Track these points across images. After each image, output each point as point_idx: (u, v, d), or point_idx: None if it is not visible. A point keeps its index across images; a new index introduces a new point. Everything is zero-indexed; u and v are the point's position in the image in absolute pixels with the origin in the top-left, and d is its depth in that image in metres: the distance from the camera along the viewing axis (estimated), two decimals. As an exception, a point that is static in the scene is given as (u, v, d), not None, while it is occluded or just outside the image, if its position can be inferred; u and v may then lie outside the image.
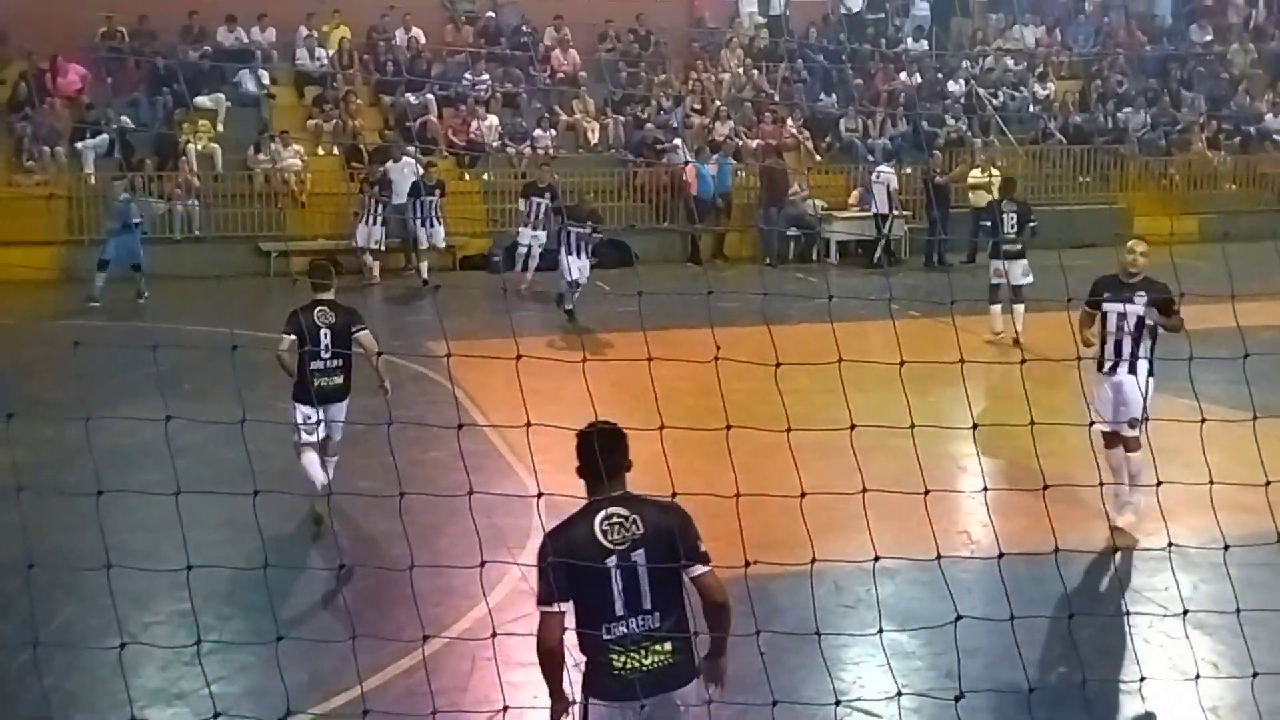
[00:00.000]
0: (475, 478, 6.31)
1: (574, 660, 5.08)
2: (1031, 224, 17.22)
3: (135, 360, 14.69)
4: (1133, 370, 9.74)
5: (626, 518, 4.93)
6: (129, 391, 12.85)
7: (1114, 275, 10.02)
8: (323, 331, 10.20)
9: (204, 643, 6.58)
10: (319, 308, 10.34)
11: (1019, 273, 16.72)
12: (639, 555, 4.89)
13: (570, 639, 4.96)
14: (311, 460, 10.26)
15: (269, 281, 21.91)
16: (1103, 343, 9.93)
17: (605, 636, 4.88)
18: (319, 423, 10.19)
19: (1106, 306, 9.88)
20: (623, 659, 4.89)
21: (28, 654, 7.51)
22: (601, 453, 4.96)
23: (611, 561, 4.88)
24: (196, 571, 5.78)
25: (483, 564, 5.62)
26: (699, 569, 4.95)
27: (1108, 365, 9.89)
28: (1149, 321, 9.74)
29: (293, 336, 10.03)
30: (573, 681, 5.06)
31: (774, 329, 6.54)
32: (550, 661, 4.89)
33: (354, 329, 10.37)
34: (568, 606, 4.89)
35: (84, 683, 7.42)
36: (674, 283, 20.61)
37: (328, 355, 10.20)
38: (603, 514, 4.94)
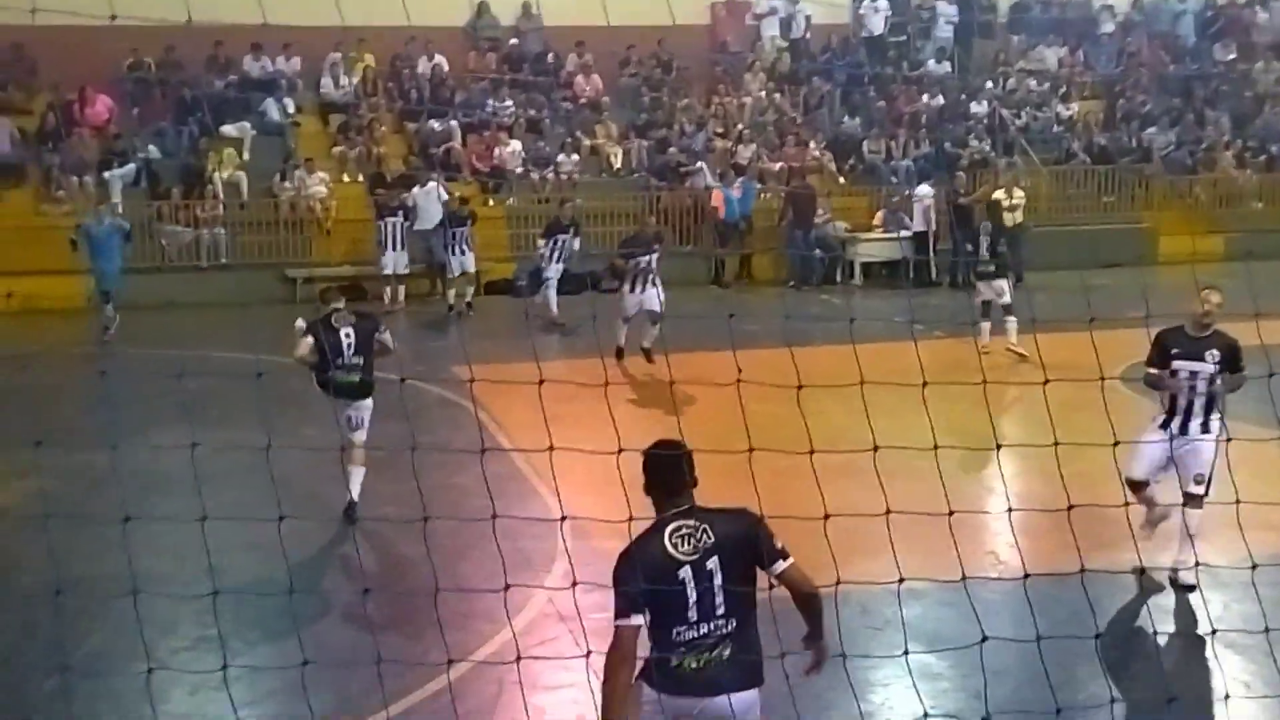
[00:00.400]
0: (499, 502, 6.33)
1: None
2: (1001, 250, 17.84)
3: (161, 387, 14.78)
4: (1206, 429, 9.00)
5: (695, 528, 5.08)
6: (155, 418, 12.94)
7: (1179, 328, 9.16)
8: (344, 332, 10.82)
9: (230, 667, 6.60)
10: (336, 313, 10.99)
11: (997, 292, 17.45)
12: (712, 563, 5.04)
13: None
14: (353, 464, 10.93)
15: (295, 308, 22.00)
16: (1171, 401, 9.12)
17: (674, 639, 5.02)
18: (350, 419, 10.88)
19: (1177, 365, 9.02)
20: (680, 659, 5.03)
21: (55, 679, 7.56)
22: (666, 470, 5.16)
23: (684, 573, 5.02)
24: (223, 596, 5.81)
25: (506, 587, 5.64)
26: (782, 564, 5.13)
27: (1177, 424, 9.05)
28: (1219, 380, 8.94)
29: (311, 339, 10.76)
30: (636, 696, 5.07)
31: (797, 351, 6.54)
32: (623, 672, 4.97)
33: (379, 330, 11.07)
34: (644, 619, 4.99)
35: (112, 708, 7.44)
36: (698, 305, 20.64)
37: (350, 354, 10.80)
38: (671, 527, 5.09)
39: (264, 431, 6.27)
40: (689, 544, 5.05)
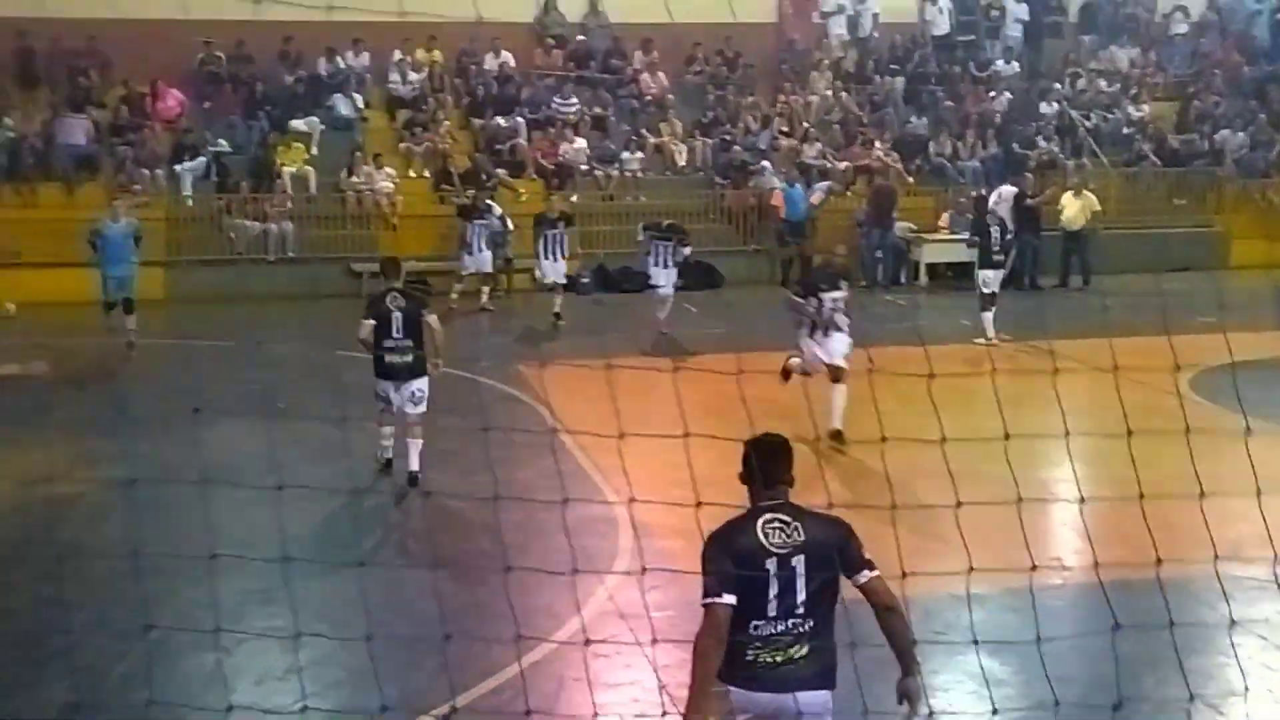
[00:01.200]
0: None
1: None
2: (1008, 238, 19.12)
3: (230, 379, 14.96)
4: None
5: (788, 524, 5.13)
6: (224, 409, 13.07)
7: None
8: (394, 315, 11.57)
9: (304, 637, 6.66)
10: (390, 294, 11.76)
11: (992, 281, 18.39)
12: (798, 561, 5.06)
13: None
14: (386, 430, 11.64)
15: (361, 302, 22.15)
16: None
17: (752, 633, 5.04)
18: (392, 397, 11.53)
19: None
20: (755, 653, 5.04)
21: (128, 663, 7.67)
22: (765, 462, 5.21)
23: (771, 564, 5.05)
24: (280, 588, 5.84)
25: (575, 571, 5.66)
26: (865, 575, 5.14)
27: None
28: None
29: (372, 321, 11.53)
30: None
31: (865, 351, 6.52)
32: (714, 653, 4.98)
33: (423, 313, 11.75)
34: (733, 600, 4.99)
35: (182, 693, 7.49)
36: (761, 304, 20.54)
37: (399, 335, 11.52)
38: (765, 518, 5.14)
39: (331, 424, 6.33)
40: (780, 536, 5.09)
